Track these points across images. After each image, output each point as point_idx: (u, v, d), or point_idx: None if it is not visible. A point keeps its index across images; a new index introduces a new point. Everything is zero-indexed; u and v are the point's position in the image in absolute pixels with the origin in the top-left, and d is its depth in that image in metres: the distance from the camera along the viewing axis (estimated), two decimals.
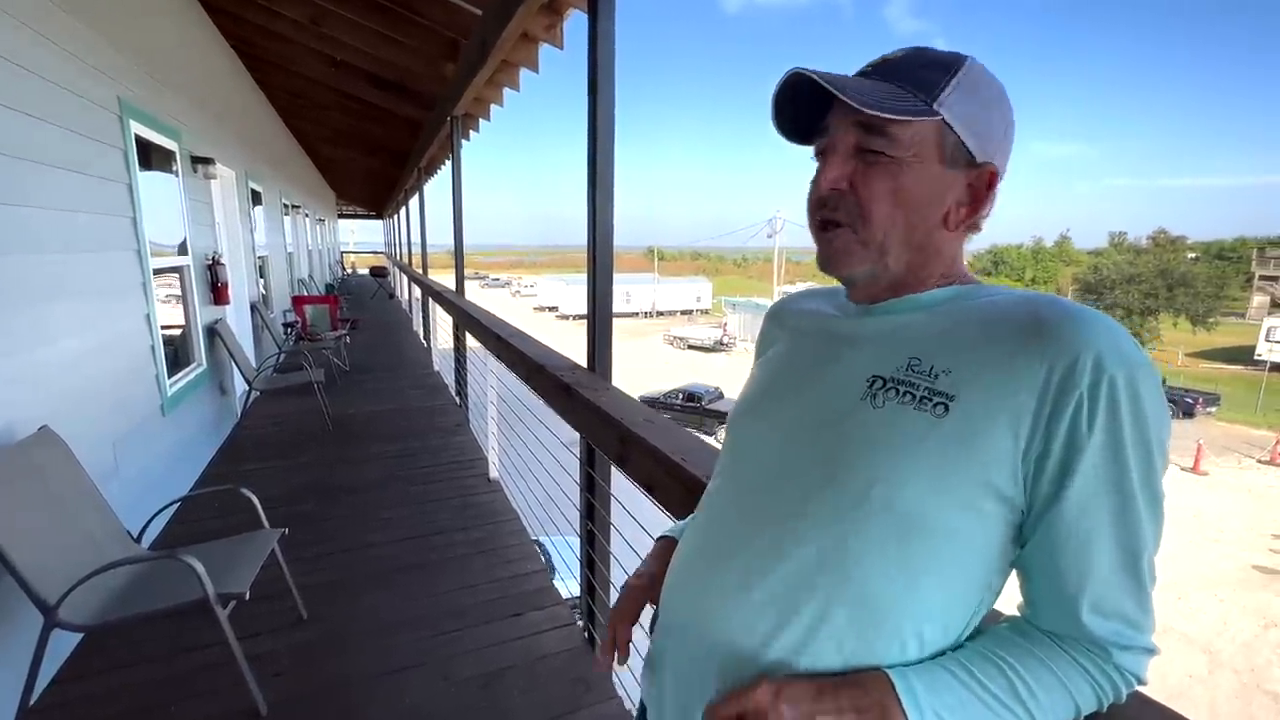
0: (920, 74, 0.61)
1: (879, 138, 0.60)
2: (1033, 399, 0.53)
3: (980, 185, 0.63)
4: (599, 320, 1.98)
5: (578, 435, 1.92)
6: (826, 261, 0.67)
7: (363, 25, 4.26)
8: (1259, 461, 18.74)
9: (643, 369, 26.46)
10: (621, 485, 1.82)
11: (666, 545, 0.83)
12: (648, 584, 0.80)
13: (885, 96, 0.59)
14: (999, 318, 0.58)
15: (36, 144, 2.14)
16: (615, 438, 1.48)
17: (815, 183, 0.65)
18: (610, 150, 1.88)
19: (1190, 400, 22.85)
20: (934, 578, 0.56)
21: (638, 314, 53.14)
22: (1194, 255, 49.81)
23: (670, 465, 1.21)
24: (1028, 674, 0.53)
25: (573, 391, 1.77)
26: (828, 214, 0.64)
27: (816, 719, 0.53)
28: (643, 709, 0.79)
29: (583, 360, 2.10)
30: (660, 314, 53.62)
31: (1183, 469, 17.30)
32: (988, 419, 0.54)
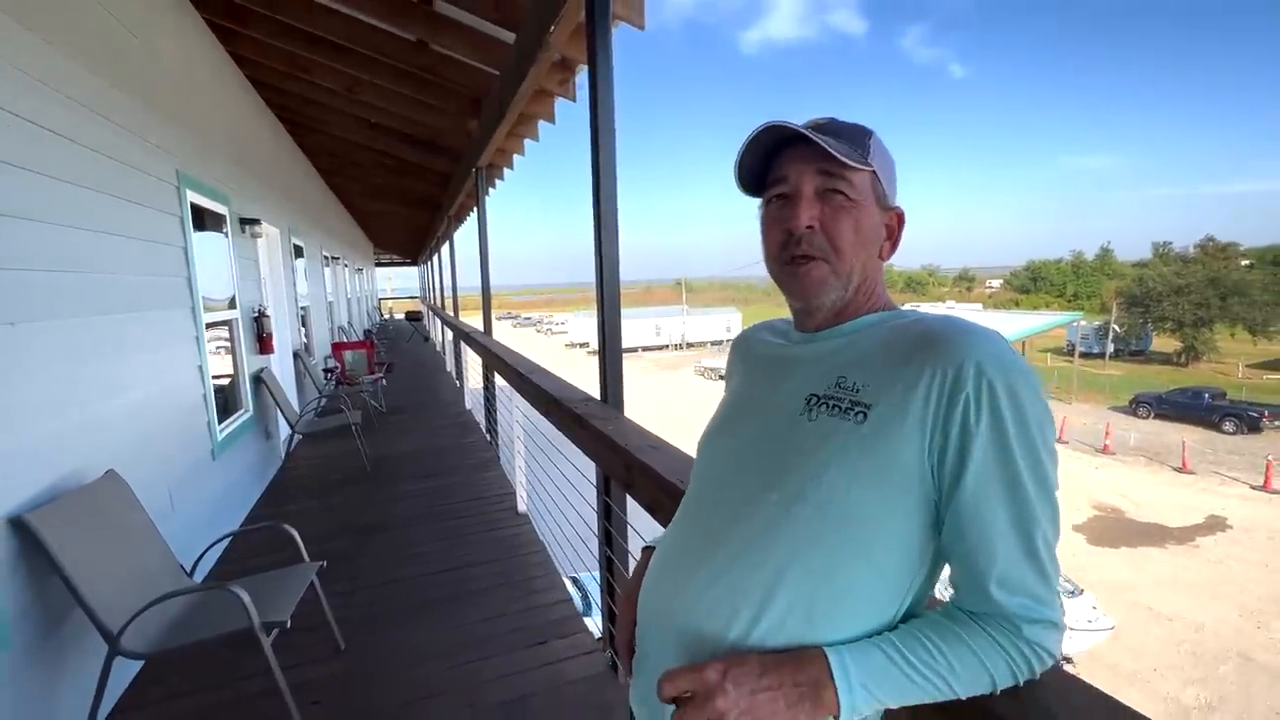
0: (851, 135, 0.74)
1: (841, 180, 0.73)
2: (930, 402, 0.62)
3: (894, 224, 0.77)
4: (609, 353, 2.09)
5: None
6: (803, 290, 0.76)
7: (393, 91, 4.61)
8: None
9: (675, 401, 26.39)
10: (638, 512, 1.89)
11: (649, 555, 0.92)
12: (635, 594, 0.89)
13: (843, 149, 0.71)
14: (904, 337, 0.69)
15: (102, 216, 2.40)
16: (622, 464, 1.57)
17: (783, 222, 0.75)
18: (613, 193, 2.03)
19: (1255, 414, 21.54)
20: (863, 564, 0.64)
21: (668, 346, 53.36)
22: (1248, 262, 47.71)
23: (668, 486, 1.30)
24: (947, 649, 0.60)
25: (585, 422, 1.88)
26: (805, 250, 0.74)
27: (758, 694, 0.60)
28: (631, 715, 0.86)
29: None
30: (690, 345, 53.73)
31: (1253, 487, 16.28)
32: (897, 421, 0.63)
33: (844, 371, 0.71)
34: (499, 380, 4.74)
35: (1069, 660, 8.83)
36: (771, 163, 0.77)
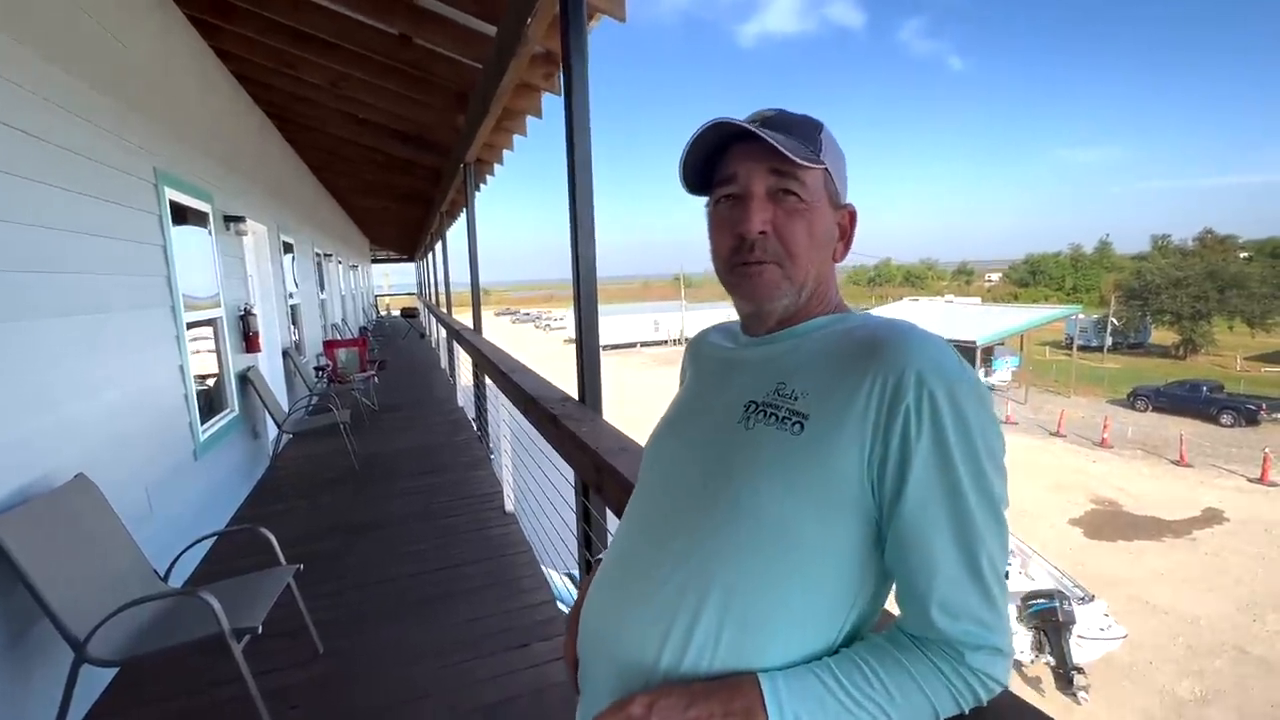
0: (802, 130, 0.69)
1: (793, 181, 0.68)
2: (870, 411, 0.59)
3: (846, 223, 0.73)
4: (586, 351, 2.06)
5: None
6: (753, 293, 0.72)
7: (380, 86, 4.56)
8: None
9: (669, 398, 26.20)
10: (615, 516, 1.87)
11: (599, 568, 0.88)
12: (579, 609, 0.85)
13: (795, 147, 0.66)
14: (847, 342, 0.65)
15: (75, 215, 2.36)
16: (592, 466, 1.54)
17: (734, 225, 0.70)
18: (589, 191, 1.99)
19: (1252, 407, 21.54)
20: (799, 582, 0.60)
21: (666, 341, 53.33)
22: (1247, 255, 47.64)
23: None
24: (886, 676, 0.57)
25: (559, 422, 1.84)
26: (755, 256, 0.70)
27: None
28: None
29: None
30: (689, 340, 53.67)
31: (1250, 480, 16.28)
32: (835, 432, 0.60)
33: (784, 378, 0.67)
34: (489, 378, 4.71)
35: (1080, 671, 8.33)
36: (718, 159, 0.72)
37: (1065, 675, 8.40)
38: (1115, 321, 38.49)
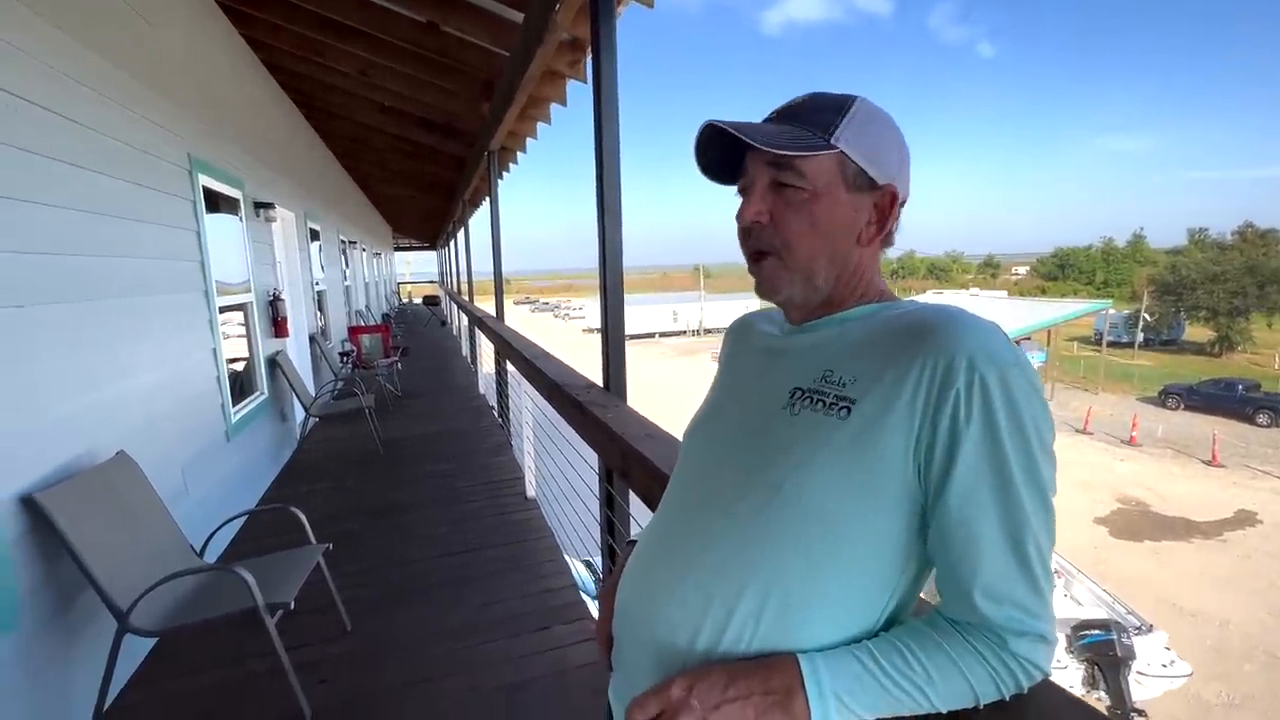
0: (817, 116, 0.68)
1: (789, 172, 0.68)
2: (919, 397, 0.58)
3: (884, 204, 0.70)
4: (612, 340, 2.06)
5: None
6: (760, 286, 0.75)
7: (407, 74, 4.59)
8: None
9: (689, 386, 26.30)
10: (640, 501, 1.88)
11: (632, 549, 0.89)
12: (615, 589, 0.86)
13: (786, 137, 0.66)
14: (895, 328, 0.64)
15: (117, 201, 2.43)
16: (619, 452, 1.55)
17: (739, 216, 0.73)
18: (617, 177, 1.98)
19: None
20: (840, 567, 0.61)
21: (685, 332, 53.20)
22: None
23: (661, 476, 1.27)
24: (927, 660, 0.57)
25: (585, 409, 1.85)
26: (756, 245, 0.72)
27: (725, 707, 0.58)
28: (609, 708, 0.84)
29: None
30: (708, 331, 53.51)
31: None
32: (883, 417, 0.59)
33: (831, 365, 0.67)
34: (511, 365, 4.75)
35: (1142, 713, 7.13)
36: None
37: (1123, 717, 7.22)
38: (1147, 317, 37.47)
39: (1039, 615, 0.56)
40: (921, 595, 0.67)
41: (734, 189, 0.75)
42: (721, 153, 0.72)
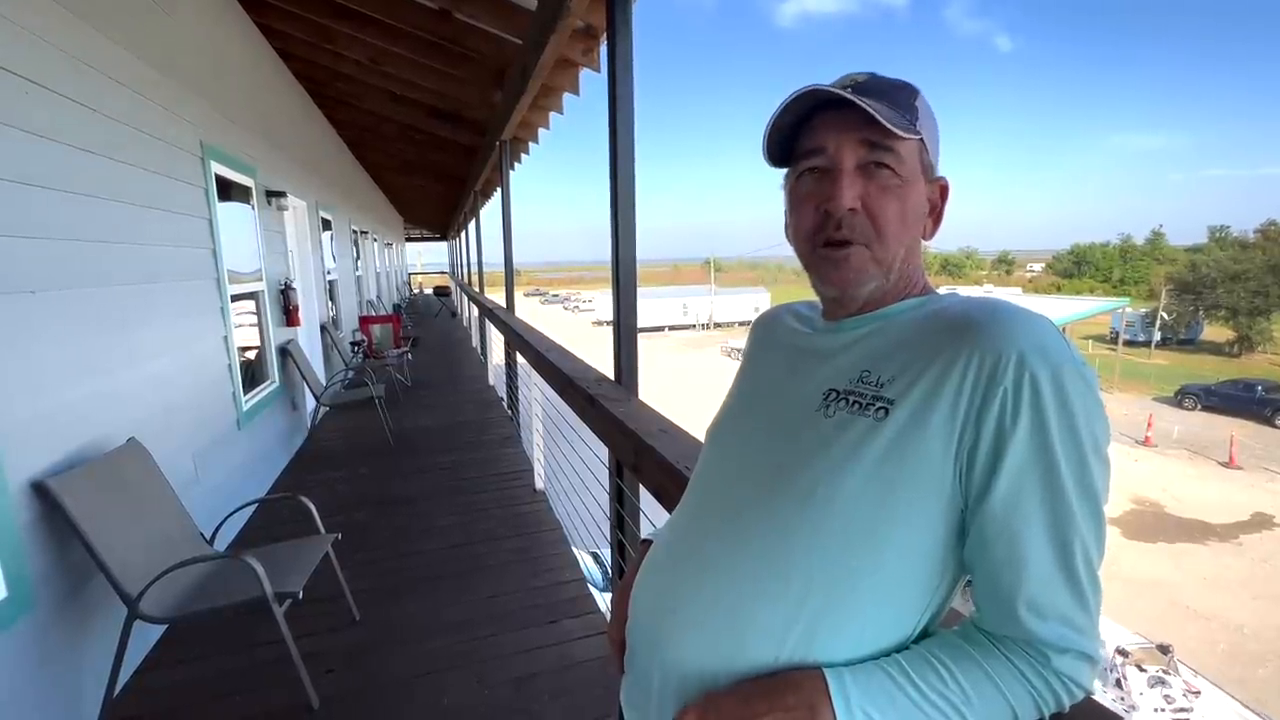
0: (896, 96, 0.64)
1: (887, 153, 0.62)
2: (963, 396, 0.54)
3: (937, 198, 0.67)
4: (623, 333, 2.03)
5: None
6: (840, 279, 0.66)
7: (418, 62, 4.55)
8: None
9: (699, 380, 26.26)
10: (650, 496, 1.85)
11: (648, 549, 0.86)
12: (629, 590, 0.84)
13: (892, 115, 0.61)
14: (938, 323, 0.60)
15: (129, 187, 2.42)
16: (631, 447, 1.52)
17: (821, 201, 0.65)
18: (631, 169, 1.94)
19: None
20: (874, 576, 0.57)
21: (695, 325, 53.05)
22: None
23: (674, 472, 1.24)
24: (962, 675, 0.53)
25: (596, 402, 1.83)
26: (841, 234, 0.64)
27: None
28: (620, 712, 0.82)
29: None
30: (718, 325, 53.34)
31: None
32: (923, 417, 0.56)
33: (869, 364, 0.63)
34: (520, 357, 4.74)
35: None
36: (802, 129, 0.67)
37: None
38: (1165, 316, 36.88)
39: (1085, 631, 0.53)
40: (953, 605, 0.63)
41: (744, 181, 0.71)
42: (785, 131, 0.67)
